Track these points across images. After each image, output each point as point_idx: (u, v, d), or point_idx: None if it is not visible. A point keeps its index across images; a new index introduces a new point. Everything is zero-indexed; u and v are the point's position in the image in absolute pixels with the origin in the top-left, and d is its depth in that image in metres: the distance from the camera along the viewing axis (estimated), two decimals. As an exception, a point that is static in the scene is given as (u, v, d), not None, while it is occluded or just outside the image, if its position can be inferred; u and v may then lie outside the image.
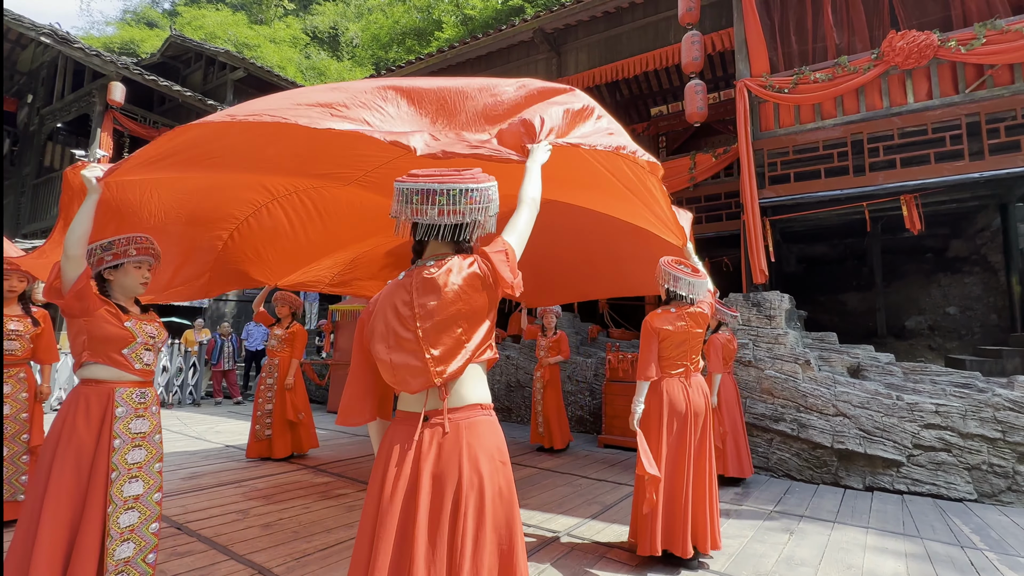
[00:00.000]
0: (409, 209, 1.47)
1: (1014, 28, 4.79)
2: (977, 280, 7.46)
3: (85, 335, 2.13)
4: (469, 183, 1.47)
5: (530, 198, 1.65)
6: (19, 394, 3.43)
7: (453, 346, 1.46)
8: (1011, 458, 4.20)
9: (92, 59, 10.95)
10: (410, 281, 1.49)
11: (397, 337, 1.47)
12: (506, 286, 1.47)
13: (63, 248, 2.03)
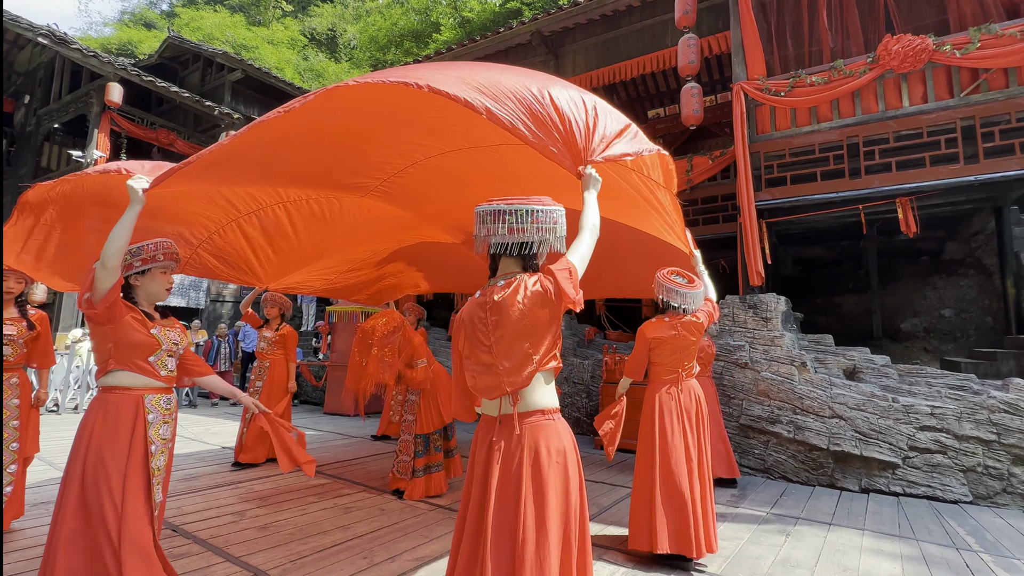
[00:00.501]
0: (484, 229, 1.67)
1: (1008, 32, 4.83)
2: (972, 283, 7.49)
3: (111, 343, 2.10)
4: (535, 205, 1.65)
5: (591, 225, 1.79)
6: (10, 400, 3.25)
7: (522, 358, 1.62)
8: (1006, 460, 4.21)
9: (90, 60, 10.94)
10: (484, 300, 1.68)
11: (476, 350, 1.68)
12: (569, 301, 1.60)
13: (101, 258, 1.99)
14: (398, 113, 2.33)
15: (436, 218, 4.05)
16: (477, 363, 1.69)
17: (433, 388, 4.36)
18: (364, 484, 4.58)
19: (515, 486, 1.57)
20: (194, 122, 13.91)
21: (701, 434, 3.15)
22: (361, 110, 2.30)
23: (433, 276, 5.69)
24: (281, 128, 2.23)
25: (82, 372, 8.54)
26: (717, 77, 9.79)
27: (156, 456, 2.13)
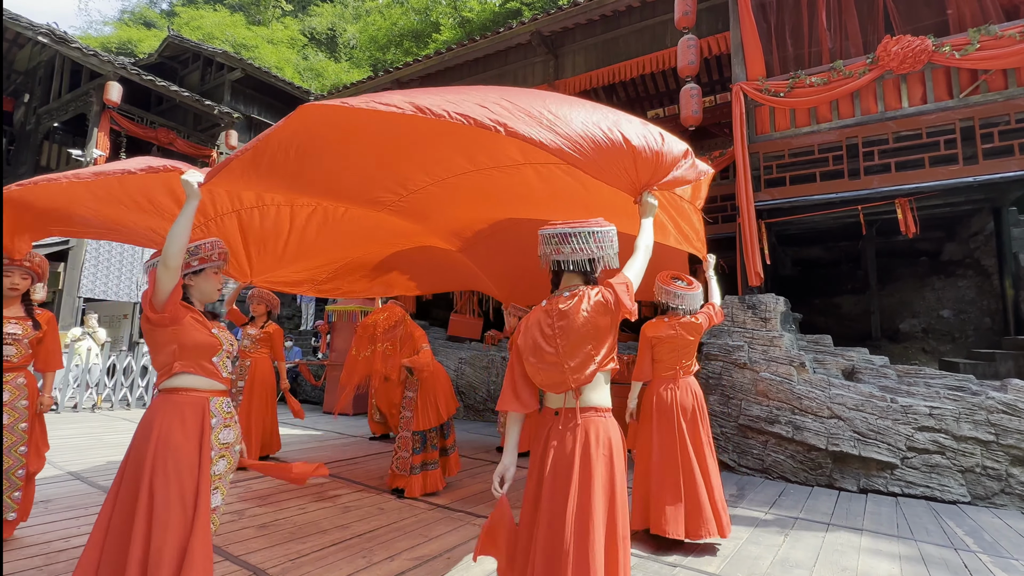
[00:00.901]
0: (550, 248, 1.96)
1: (1008, 33, 4.83)
2: (971, 283, 7.50)
3: (175, 344, 2.04)
4: (595, 227, 1.93)
5: (645, 246, 2.06)
6: (18, 402, 3.09)
7: (584, 359, 1.86)
8: (1004, 461, 4.22)
9: (89, 59, 10.93)
10: (550, 308, 1.92)
11: (542, 352, 1.89)
12: (626, 311, 1.86)
13: (163, 259, 1.94)
14: (442, 133, 2.34)
15: (438, 229, 4.05)
16: (542, 362, 1.90)
17: (432, 385, 4.36)
18: (363, 483, 4.59)
19: (567, 469, 1.80)
20: (194, 121, 13.91)
21: (698, 427, 3.38)
22: (415, 131, 2.31)
23: (424, 278, 5.68)
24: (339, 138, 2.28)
25: (81, 371, 8.53)
26: (716, 78, 9.79)
27: (215, 462, 2.07)
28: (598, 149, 1.90)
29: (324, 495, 4.19)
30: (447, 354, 8.62)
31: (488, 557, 2.06)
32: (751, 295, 5.58)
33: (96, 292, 11.26)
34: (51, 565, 2.76)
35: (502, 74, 9.03)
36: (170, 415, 1.99)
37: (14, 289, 3.06)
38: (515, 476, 2.03)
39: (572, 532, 1.72)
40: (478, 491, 4.44)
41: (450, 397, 4.51)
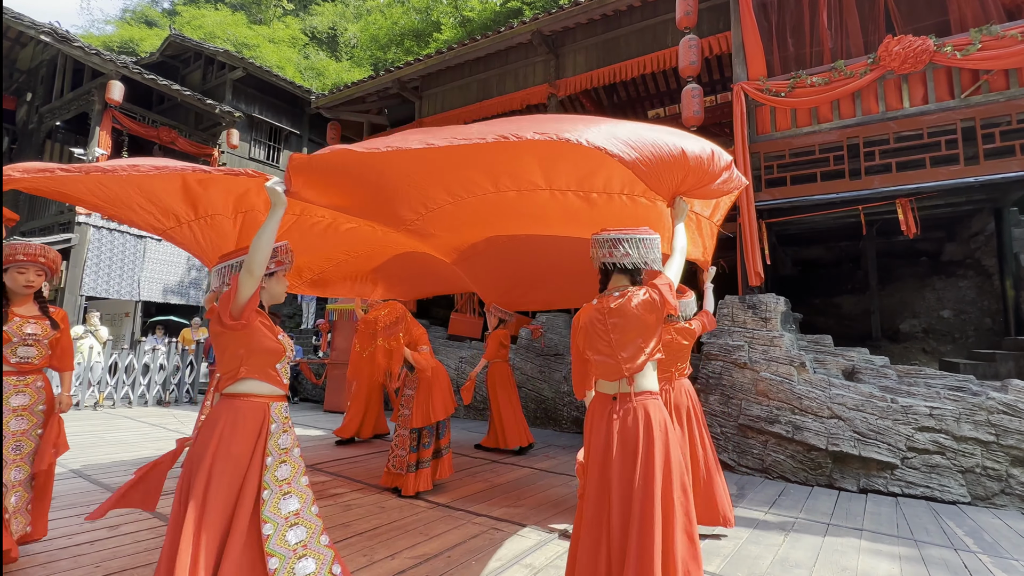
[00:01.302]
0: (603, 252, 2.21)
1: (1010, 34, 4.83)
2: (971, 284, 7.50)
3: (244, 349, 2.04)
4: (643, 235, 2.18)
5: (680, 248, 2.31)
6: (37, 406, 2.95)
7: (635, 351, 2.11)
8: (1004, 461, 4.22)
9: (91, 58, 10.95)
10: (602, 307, 2.18)
11: (598, 344, 2.17)
12: (670, 308, 2.10)
13: (248, 265, 1.97)
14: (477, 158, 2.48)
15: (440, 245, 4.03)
16: (597, 353, 2.18)
17: (431, 383, 4.37)
18: (363, 482, 4.60)
19: (633, 443, 2.05)
20: (195, 120, 13.93)
21: (693, 426, 3.49)
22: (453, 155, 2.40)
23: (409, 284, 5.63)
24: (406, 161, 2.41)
25: (83, 369, 8.55)
26: (717, 77, 9.79)
27: (276, 467, 2.05)
28: (659, 159, 2.13)
29: (325, 493, 4.20)
30: (447, 353, 8.63)
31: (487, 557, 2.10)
32: (751, 295, 5.59)
33: (98, 290, 11.28)
34: (54, 562, 2.77)
35: (503, 73, 9.04)
36: (231, 421, 2.00)
37: (30, 286, 2.93)
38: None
39: (640, 495, 1.99)
40: (479, 490, 4.45)
41: (448, 396, 4.51)
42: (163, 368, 9.62)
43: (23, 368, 2.90)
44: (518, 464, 5.37)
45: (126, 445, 5.98)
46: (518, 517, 3.75)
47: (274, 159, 15.63)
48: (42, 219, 12.08)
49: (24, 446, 2.86)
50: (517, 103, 8.75)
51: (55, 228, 11.50)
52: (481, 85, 9.30)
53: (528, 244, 4.01)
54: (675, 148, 2.16)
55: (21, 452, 2.85)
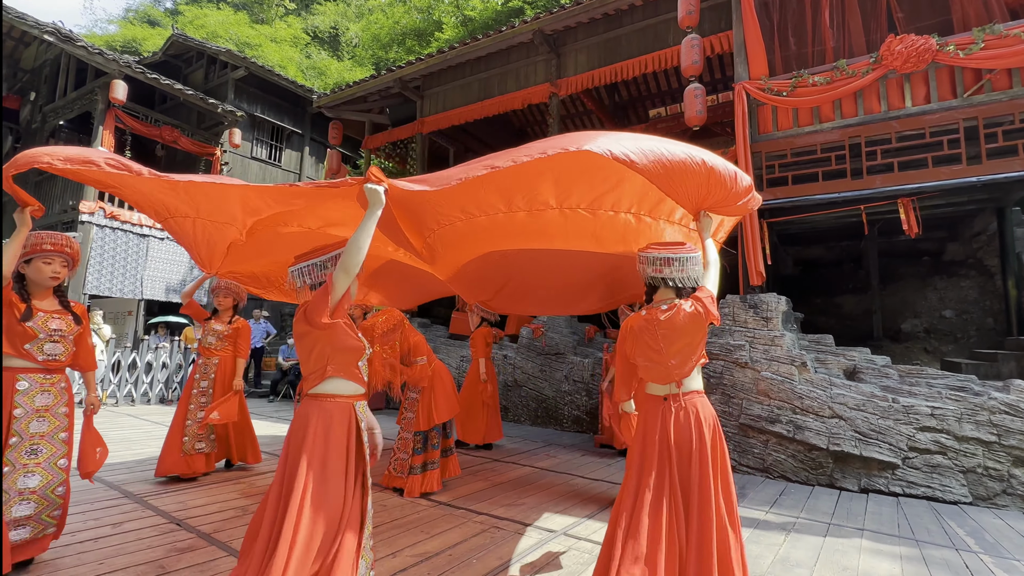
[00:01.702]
0: (652, 268, 2.40)
1: (1013, 33, 4.81)
2: (973, 284, 7.49)
3: (330, 347, 2.06)
4: (690, 254, 2.38)
5: (713, 260, 2.47)
6: (59, 408, 2.77)
7: (684, 358, 2.32)
8: (1006, 461, 4.22)
9: (94, 57, 10.97)
10: (651, 318, 2.36)
11: (649, 352, 2.36)
12: (713, 318, 2.29)
13: (346, 266, 2.01)
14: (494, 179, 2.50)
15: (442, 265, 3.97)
16: (648, 360, 2.38)
17: (433, 385, 4.38)
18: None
19: (687, 437, 2.27)
20: (198, 119, 13.95)
21: None
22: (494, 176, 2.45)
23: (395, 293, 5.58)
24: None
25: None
26: (719, 76, 9.79)
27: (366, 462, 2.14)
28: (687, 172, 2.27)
29: (327, 492, 4.21)
30: (448, 352, 8.65)
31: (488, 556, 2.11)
32: (753, 294, 5.58)
33: (101, 289, 11.31)
34: (58, 559, 2.79)
35: (504, 73, 9.05)
36: (325, 424, 2.04)
37: (55, 278, 2.75)
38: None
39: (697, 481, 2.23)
40: (479, 488, 4.46)
41: (452, 397, 4.52)
42: (165, 366, 9.66)
43: (50, 366, 2.73)
44: (519, 463, 5.38)
45: (129, 443, 6.01)
46: (519, 516, 3.76)
47: (276, 158, 15.65)
48: (46, 217, 12.11)
49: (42, 450, 2.67)
50: (518, 102, 8.75)
51: (58, 226, 11.53)
52: (483, 84, 9.31)
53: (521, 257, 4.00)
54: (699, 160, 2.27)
55: (38, 457, 2.65)
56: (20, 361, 2.64)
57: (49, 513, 2.66)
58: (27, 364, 2.65)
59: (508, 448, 6.09)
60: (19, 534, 2.54)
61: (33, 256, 2.68)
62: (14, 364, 2.62)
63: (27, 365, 2.66)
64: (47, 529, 2.65)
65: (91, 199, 11.11)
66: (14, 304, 2.60)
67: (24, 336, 2.61)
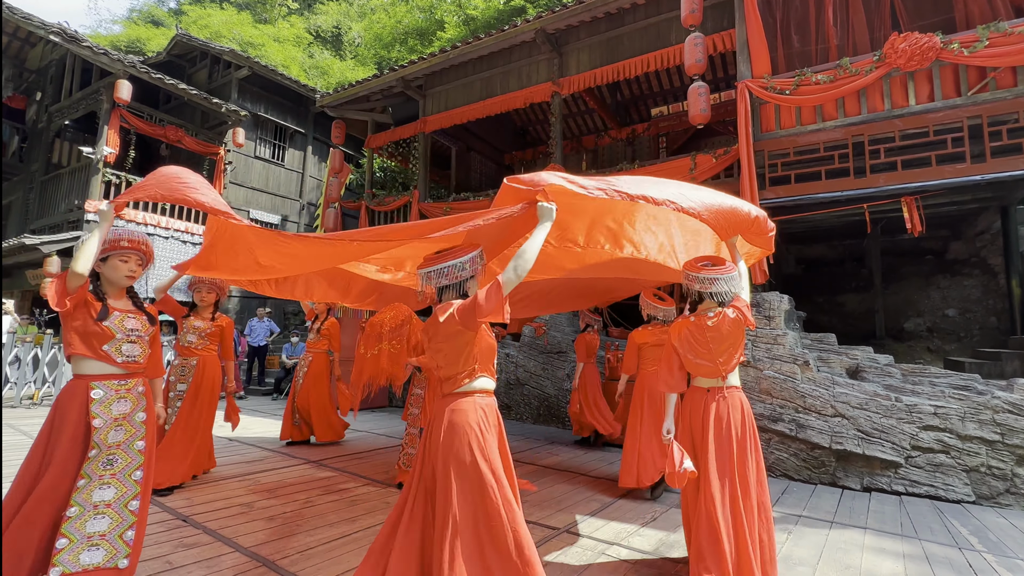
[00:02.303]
0: (700, 285, 2.79)
1: (1017, 31, 4.80)
2: (976, 282, 7.47)
3: (478, 348, 2.20)
4: (732, 273, 2.78)
5: (744, 272, 2.91)
6: (136, 415, 2.49)
7: (728, 356, 2.74)
8: (1010, 460, 4.21)
9: (99, 57, 11.02)
10: (700, 323, 2.77)
11: (699, 351, 2.76)
12: (750, 324, 2.74)
13: (517, 270, 2.11)
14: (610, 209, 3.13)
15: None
16: (698, 357, 2.78)
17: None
18: (369, 477, 4.64)
19: (728, 423, 2.70)
20: (201, 119, 13.99)
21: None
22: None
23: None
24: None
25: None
26: (721, 75, 9.78)
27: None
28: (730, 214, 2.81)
29: (331, 488, 4.24)
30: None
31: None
32: (755, 293, 5.58)
33: (105, 288, 11.36)
34: (65, 555, 2.81)
35: (507, 72, 9.05)
36: (484, 416, 2.17)
37: (131, 276, 2.60)
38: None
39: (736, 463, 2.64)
40: (483, 487, 4.48)
41: None
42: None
43: (130, 367, 2.50)
44: (521, 461, 5.39)
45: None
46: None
47: (279, 157, 15.68)
48: (52, 217, 12.18)
49: (117, 460, 2.39)
50: (520, 101, 8.76)
51: (64, 226, 11.59)
52: (485, 83, 9.31)
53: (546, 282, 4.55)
54: (749, 213, 2.89)
55: (113, 467, 2.38)
56: (96, 365, 2.40)
57: (122, 534, 2.33)
58: (103, 369, 2.42)
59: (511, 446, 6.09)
60: (91, 557, 2.22)
61: (110, 253, 2.51)
62: (87, 371, 2.40)
63: (103, 370, 2.42)
64: (118, 558, 2.29)
65: (97, 198, 11.16)
66: (90, 303, 2.41)
67: (101, 337, 2.41)
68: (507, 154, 12.84)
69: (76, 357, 2.39)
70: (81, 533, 2.22)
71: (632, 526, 3.60)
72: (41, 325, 10.68)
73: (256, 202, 14.86)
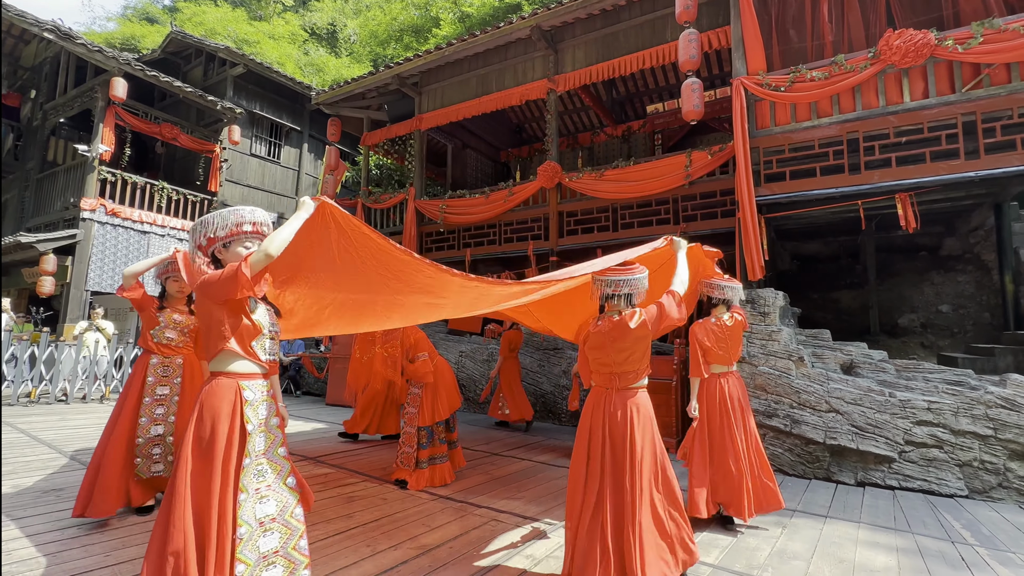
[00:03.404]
0: (717, 292, 3.69)
1: (1012, 27, 4.82)
2: (970, 278, 7.50)
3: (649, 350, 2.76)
4: (737, 284, 3.70)
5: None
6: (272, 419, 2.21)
7: (737, 349, 3.70)
8: (1002, 455, 4.25)
9: (94, 55, 10.97)
10: (719, 323, 3.66)
11: (718, 343, 3.63)
12: (746, 327, 3.75)
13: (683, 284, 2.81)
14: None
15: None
16: (722, 350, 3.63)
17: (436, 381, 4.42)
18: (366, 474, 4.65)
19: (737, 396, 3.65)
20: (197, 116, 13.95)
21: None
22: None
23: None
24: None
25: (89, 363, 8.63)
26: (717, 72, 9.79)
27: None
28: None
29: (328, 485, 4.25)
30: (448, 347, 8.67)
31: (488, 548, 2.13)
32: (750, 289, 5.60)
33: (103, 285, 11.35)
34: (64, 551, 2.82)
35: (502, 69, 9.04)
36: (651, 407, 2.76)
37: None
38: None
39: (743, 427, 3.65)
40: (479, 482, 4.50)
41: (454, 392, 4.58)
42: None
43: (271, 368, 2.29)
44: (518, 456, 5.41)
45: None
46: (519, 509, 3.80)
47: (275, 155, 15.64)
48: (47, 215, 12.14)
49: (268, 472, 2.13)
50: (516, 98, 8.76)
51: (60, 224, 11.56)
52: (480, 80, 9.31)
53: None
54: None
55: (266, 479, 2.12)
56: (245, 364, 2.15)
57: (295, 544, 2.13)
58: (251, 368, 2.17)
59: (507, 442, 6.12)
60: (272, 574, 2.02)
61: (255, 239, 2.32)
62: (237, 369, 2.14)
63: (250, 369, 2.17)
64: (298, 570, 2.11)
65: (92, 196, 11.13)
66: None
67: (252, 332, 2.16)
68: (503, 151, 12.83)
69: (224, 354, 2.12)
70: (255, 554, 1.99)
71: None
72: (37, 323, 10.66)
73: (252, 200, 14.82)
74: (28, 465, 4.54)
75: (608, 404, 2.64)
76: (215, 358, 2.12)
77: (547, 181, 8.22)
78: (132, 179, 11.89)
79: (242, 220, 2.24)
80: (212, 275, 2.08)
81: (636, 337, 2.57)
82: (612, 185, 7.59)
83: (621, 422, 2.57)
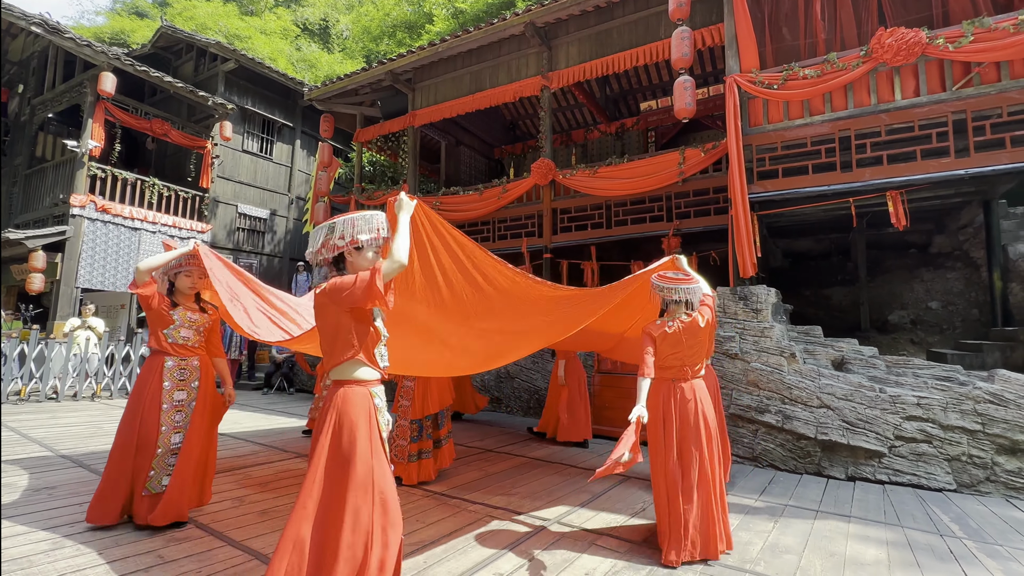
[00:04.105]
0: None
1: (1002, 26, 4.86)
2: (959, 275, 7.59)
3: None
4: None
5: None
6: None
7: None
8: (990, 449, 4.30)
9: (83, 49, 10.84)
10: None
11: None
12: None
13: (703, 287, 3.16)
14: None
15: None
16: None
17: (427, 377, 4.42)
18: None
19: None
20: (188, 112, 13.83)
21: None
22: None
23: None
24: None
25: (80, 360, 8.56)
26: (710, 70, 9.81)
27: None
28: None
29: (322, 484, 4.24)
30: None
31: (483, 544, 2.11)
32: (743, 286, 5.64)
33: (93, 283, 11.25)
34: (57, 549, 2.81)
35: (496, 65, 9.02)
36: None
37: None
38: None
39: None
40: (473, 479, 4.51)
41: (446, 389, 4.57)
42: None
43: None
44: (512, 453, 5.43)
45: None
46: (513, 505, 3.81)
47: (267, 151, 15.54)
48: (37, 211, 12.01)
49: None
50: (510, 95, 8.75)
51: (50, 220, 11.44)
52: (474, 77, 9.28)
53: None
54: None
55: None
56: (371, 371, 2.19)
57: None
58: (376, 375, 2.20)
59: (501, 438, 6.14)
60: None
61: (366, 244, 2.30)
62: (365, 376, 2.17)
63: (377, 376, 2.21)
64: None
65: (82, 192, 11.01)
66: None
67: (375, 339, 2.20)
68: (497, 148, 12.81)
69: (352, 362, 2.12)
70: None
71: (622, 516, 3.64)
72: (27, 320, 10.56)
73: (244, 196, 14.73)
74: (19, 463, 4.50)
75: (679, 392, 3.12)
76: (340, 366, 2.12)
77: (541, 178, 8.22)
78: (123, 175, 11.78)
79: (381, 225, 2.25)
80: (344, 281, 2.07)
81: (705, 334, 3.12)
82: (606, 182, 7.61)
83: (694, 407, 3.07)
